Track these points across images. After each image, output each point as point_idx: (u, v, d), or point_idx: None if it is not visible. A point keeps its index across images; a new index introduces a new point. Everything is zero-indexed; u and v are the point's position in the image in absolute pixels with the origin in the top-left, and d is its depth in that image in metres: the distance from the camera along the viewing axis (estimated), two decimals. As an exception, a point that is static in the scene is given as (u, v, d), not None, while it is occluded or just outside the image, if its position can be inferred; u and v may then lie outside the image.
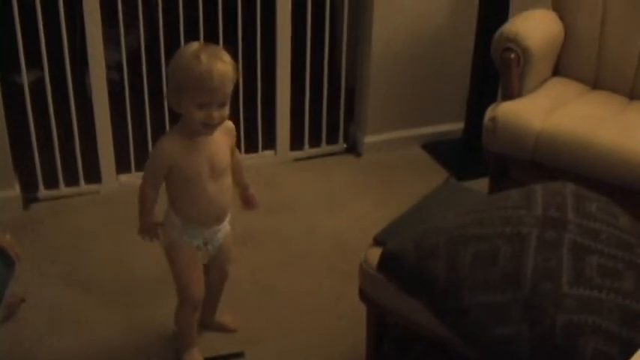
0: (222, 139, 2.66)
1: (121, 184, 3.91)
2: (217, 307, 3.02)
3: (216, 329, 3.03)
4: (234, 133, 2.74)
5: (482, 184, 3.68)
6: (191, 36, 3.74)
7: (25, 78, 3.60)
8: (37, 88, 3.67)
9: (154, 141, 3.85)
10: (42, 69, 3.61)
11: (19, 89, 3.64)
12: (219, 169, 2.68)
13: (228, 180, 2.73)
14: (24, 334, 3.00)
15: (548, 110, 3.41)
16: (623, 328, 2.12)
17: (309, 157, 4.30)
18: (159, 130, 3.89)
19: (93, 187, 3.90)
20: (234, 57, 2.60)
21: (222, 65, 2.52)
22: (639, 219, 2.51)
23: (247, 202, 2.92)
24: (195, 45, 2.56)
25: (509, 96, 3.48)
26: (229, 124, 2.69)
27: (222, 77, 2.52)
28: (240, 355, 2.95)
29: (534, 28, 3.57)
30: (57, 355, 2.93)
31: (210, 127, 2.58)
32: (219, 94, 2.53)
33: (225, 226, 2.79)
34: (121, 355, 2.94)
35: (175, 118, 3.80)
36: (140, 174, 3.77)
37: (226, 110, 2.57)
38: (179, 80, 2.52)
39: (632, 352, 2.00)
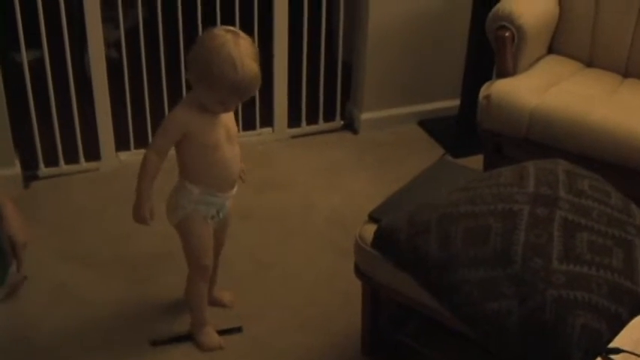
0: None
1: (120, 162, 3.93)
2: (215, 282, 3.05)
3: (214, 304, 3.06)
4: None
5: (477, 161, 3.71)
6: (189, 12, 3.75)
7: (24, 57, 3.61)
8: (37, 66, 3.69)
9: (153, 119, 3.90)
10: (41, 48, 3.62)
11: (19, 68, 3.65)
12: (232, 134, 2.72)
13: (237, 146, 2.76)
14: (26, 311, 3.03)
15: (542, 88, 3.43)
16: (612, 303, 2.15)
17: (307, 135, 4.32)
18: (158, 108, 3.92)
19: (92, 164, 3.92)
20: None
21: (255, 72, 2.52)
22: (631, 197, 2.53)
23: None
24: (228, 41, 2.50)
25: (503, 74, 3.50)
26: None
27: (254, 86, 2.56)
28: (237, 329, 2.99)
29: (529, 6, 3.58)
30: (58, 331, 2.96)
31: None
32: (245, 98, 2.59)
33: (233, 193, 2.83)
34: (121, 330, 2.97)
35: (174, 95, 3.83)
36: (140, 152, 3.83)
37: None
38: (209, 78, 2.51)
39: (621, 328, 2.04)
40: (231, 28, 2.59)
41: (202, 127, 2.63)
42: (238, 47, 2.50)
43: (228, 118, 2.71)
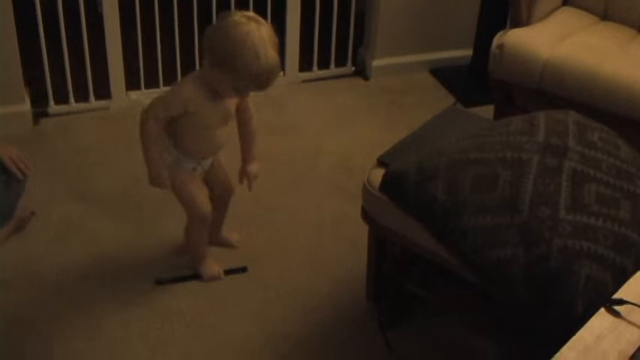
0: None
1: (130, 101, 3.93)
2: (223, 223, 3.07)
3: (220, 245, 3.08)
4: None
5: (487, 111, 3.69)
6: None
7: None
8: (49, 3, 3.67)
9: (164, 59, 3.89)
10: (53, -16, 3.61)
11: (31, 4, 3.64)
12: (229, 116, 2.74)
13: (230, 125, 2.78)
14: (32, 247, 3.05)
15: (556, 39, 3.40)
16: (618, 255, 2.15)
17: (318, 79, 4.31)
18: (169, 48, 3.91)
19: (102, 103, 3.92)
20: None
21: (276, 61, 2.51)
22: (640, 150, 2.53)
23: (244, 176, 2.93)
24: (252, 30, 2.47)
25: (517, 24, 3.48)
26: None
27: (275, 76, 2.54)
28: (242, 269, 3.01)
29: (545, -45, 3.55)
30: (65, 266, 2.99)
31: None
32: (264, 88, 2.57)
33: None
34: (127, 268, 3.00)
35: (185, 36, 3.82)
36: (150, 91, 3.83)
37: None
38: (230, 67, 2.49)
39: (625, 280, 2.04)
40: (251, 14, 2.56)
41: (203, 108, 2.64)
42: (262, 37, 2.48)
43: (229, 101, 2.71)
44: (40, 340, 2.69)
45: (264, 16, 3.96)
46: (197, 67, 3.98)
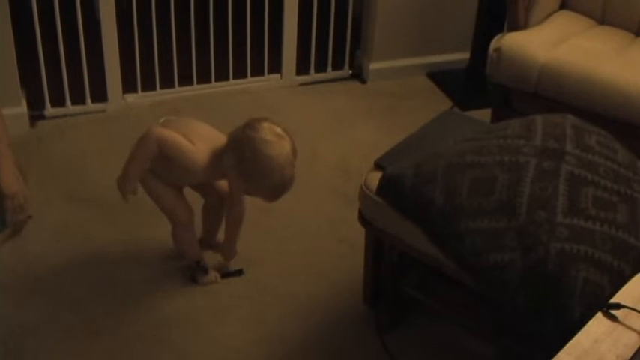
0: None
1: (127, 104, 3.93)
2: (219, 227, 3.06)
3: (216, 250, 3.07)
4: None
5: (484, 114, 3.70)
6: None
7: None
8: (46, 6, 3.67)
9: (161, 61, 3.89)
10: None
11: (28, 7, 3.63)
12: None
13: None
14: (30, 249, 3.05)
15: (553, 43, 3.41)
16: (615, 259, 2.15)
17: (315, 82, 4.31)
18: (166, 51, 3.91)
19: (99, 105, 3.92)
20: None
21: (293, 178, 2.65)
22: (637, 154, 2.53)
23: (225, 246, 3.01)
24: (282, 153, 2.58)
25: (514, 27, 3.48)
26: None
27: (287, 191, 2.67)
28: (239, 272, 3.01)
29: (542, -41, 3.55)
30: (62, 269, 2.98)
31: None
32: (274, 201, 2.71)
33: None
34: (123, 272, 2.99)
35: (182, 37, 3.82)
36: (147, 94, 3.83)
37: None
38: (252, 179, 2.61)
39: (623, 283, 2.03)
40: (279, 130, 2.64)
41: (203, 176, 2.75)
42: (287, 158, 2.60)
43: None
44: (37, 343, 2.69)
45: (262, 21, 4.00)
46: (194, 69, 3.98)
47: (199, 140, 2.69)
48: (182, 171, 2.70)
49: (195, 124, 2.80)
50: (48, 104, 3.83)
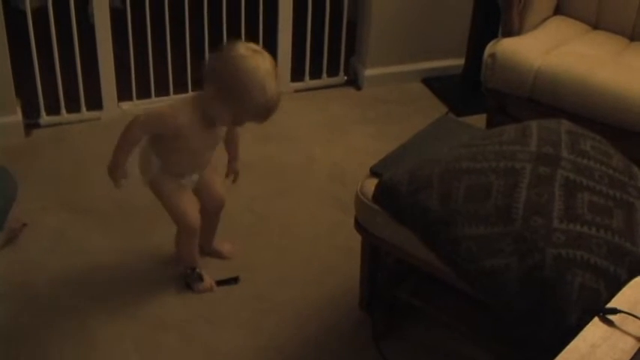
0: None
1: (122, 112, 3.92)
2: (215, 234, 3.06)
3: (213, 256, 3.08)
4: None
5: (480, 120, 3.70)
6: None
7: (28, 5, 3.58)
8: (40, 14, 3.67)
9: (156, 69, 3.88)
10: (45, -5, 3.61)
11: (22, 16, 3.63)
12: (218, 142, 2.78)
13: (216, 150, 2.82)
14: (24, 258, 3.04)
15: (548, 48, 3.41)
16: (611, 264, 2.15)
17: (310, 89, 4.31)
18: (161, 59, 3.91)
19: (94, 113, 3.91)
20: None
21: (278, 95, 2.55)
22: (632, 160, 2.53)
23: (231, 173, 2.96)
24: (259, 65, 2.51)
25: (509, 33, 3.48)
26: None
27: (275, 109, 2.59)
28: (234, 280, 3.01)
29: (537, -36, 3.56)
30: (58, 277, 2.97)
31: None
32: (263, 121, 2.62)
33: None
34: (119, 279, 2.99)
35: (177, 46, 3.82)
36: (142, 102, 3.83)
37: None
38: (235, 99, 2.52)
39: (619, 288, 2.03)
40: (255, 46, 2.59)
41: (196, 134, 2.66)
42: (268, 71, 2.52)
43: (222, 128, 2.74)
44: (32, 351, 2.68)
45: (256, 27, 4.00)
46: (188, 76, 3.98)
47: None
48: (177, 141, 2.65)
49: None
50: (43, 112, 3.82)
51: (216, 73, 2.55)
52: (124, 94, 3.95)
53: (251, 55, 2.52)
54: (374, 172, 2.58)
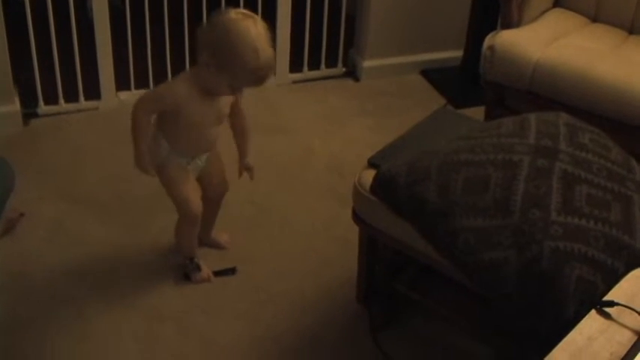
0: None
1: (120, 101, 3.92)
2: (214, 224, 3.06)
3: (211, 246, 3.08)
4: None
5: (478, 112, 3.69)
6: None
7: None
8: (39, 3, 3.66)
9: (154, 59, 3.88)
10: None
11: (21, 5, 3.62)
12: (222, 116, 2.75)
13: (223, 123, 2.80)
14: (21, 248, 3.04)
15: (547, 41, 3.41)
16: (609, 257, 2.15)
17: (308, 80, 4.31)
18: (159, 48, 3.90)
19: (92, 103, 3.91)
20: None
21: (272, 58, 2.53)
22: (630, 153, 2.53)
23: (244, 170, 2.93)
24: (250, 28, 2.50)
25: (508, 25, 3.48)
26: None
27: (270, 73, 2.57)
28: (232, 270, 3.01)
29: (536, -44, 3.55)
30: (55, 268, 2.97)
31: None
32: (259, 85, 2.59)
33: None
34: (118, 270, 2.99)
35: (176, 35, 3.82)
36: (140, 92, 3.82)
37: None
38: (228, 64, 2.51)
39: (616, 281, 2.04)
40: (246, 11, 2.58)
41: (196, 107, 2.65)
42: (259, 33, 2.51)
43: (224, 101, 2.72)
44: (30, 341, 2.68)
45: (255, 17, 3.98)
46: (187, 68, 3.97)
47: None
48: (180, 117, 2.65)
49: None
50: (41, 102, 3.82)
51: (208, 39, 2.55)
52: (122, 84, 3.95)
53: (241, 18, 2.52)
54: (372, 164, 2.58)
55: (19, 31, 3.66)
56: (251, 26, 2.50)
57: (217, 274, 2.98)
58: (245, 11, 2.58)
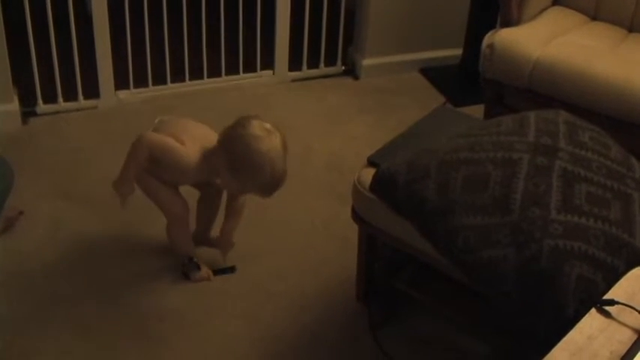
0: None
1: (119, 100, 3.92)
2: (213, 223, 3.06)
3: (210, 245, 3.07)
4: None
5: (477, 110, 3.69)
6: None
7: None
8: (38, 2, 3.65)
9: (153, 58, 3.88)
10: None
11: (20, 4, 3.62)
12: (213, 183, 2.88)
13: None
14: (20, 246, 3.04)
15: (546, 39, 3.40)
16: (609, 255, 2.14)
17: (307, 78, 4.31)
18: (158, 47, 3.90)
19: (91, 102, 3.90)
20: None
21: (285, 174, 2.64)
22: (630, 151, 2.53)
23: (222, 237, 2.98)
24: (273, 147, 2.59)
25: (507, 23, 3.48)
26: None
27: (280, 186, 2.67)
28: (231, 269, 3.01)
29: (535, -46, 3.55)
30: (54, 266, 2.97)
31: None
32: (268, 196, 2.70)
33: None
34: (115, 269, 2.98)
35: (175, 34, 3.81)
36: (139, 91, 3.83)
37: None
38: (243, 175, 2.61)
39: (616, 280, 2.03)
40: (268, 125, 2.64)
41: (195, 179, 2.81)
42: (278, 153, 2.61)
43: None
44: (29, 339, 2.68)
45: (254, 16, 3.99)
46: (186, 65, 3.98)
47: (191, 140, 2.71)
48: (175, 172, 2.73)
49: (188, 123, 2.83)
50: (40, 101, 3.82)
51: (230, 145, 2.61)
52: (121, 83, 3.94)
53: (265, 136, 2.59)
54: (371, 162, 2.58)
55: (19, 30, 3.66)
56: (272, 146, 2.59)
57: (217, 272, 2.98)
58: (267, 125, 2.63)
